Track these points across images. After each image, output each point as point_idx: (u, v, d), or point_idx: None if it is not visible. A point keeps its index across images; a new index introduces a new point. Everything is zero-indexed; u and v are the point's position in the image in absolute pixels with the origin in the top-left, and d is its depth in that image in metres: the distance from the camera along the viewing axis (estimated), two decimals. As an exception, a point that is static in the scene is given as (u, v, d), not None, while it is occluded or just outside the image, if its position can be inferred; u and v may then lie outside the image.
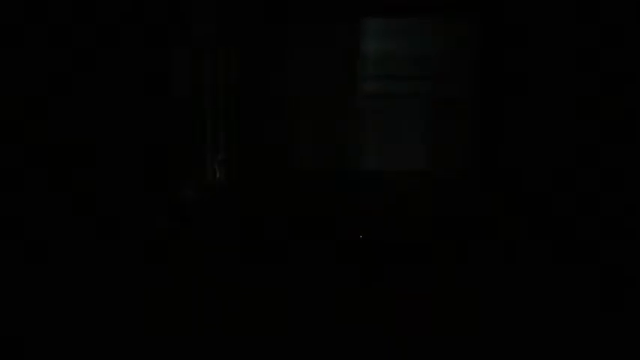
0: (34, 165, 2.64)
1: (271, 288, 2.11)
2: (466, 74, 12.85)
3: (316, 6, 11.58)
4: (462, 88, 13.08)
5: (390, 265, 2.44)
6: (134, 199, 3.95)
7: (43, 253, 2.48)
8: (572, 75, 5.47)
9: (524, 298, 2.16)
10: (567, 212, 4.50)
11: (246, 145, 12.76)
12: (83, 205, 3.09)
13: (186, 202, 5.33)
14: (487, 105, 10.37)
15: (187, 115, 8.46)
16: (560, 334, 1.94)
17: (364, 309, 1.99)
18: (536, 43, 6.83)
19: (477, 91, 10.22)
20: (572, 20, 5.25)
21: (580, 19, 4.96)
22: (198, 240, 2.67)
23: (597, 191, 4.16)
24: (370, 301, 2.07)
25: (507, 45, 8.26)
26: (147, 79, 4.67)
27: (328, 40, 14.01)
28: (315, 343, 1.85)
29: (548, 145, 6.85)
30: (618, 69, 4.28)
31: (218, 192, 2.82)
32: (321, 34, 13.80)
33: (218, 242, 2.62)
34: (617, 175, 4.02)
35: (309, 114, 14.99)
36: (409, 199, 8.90)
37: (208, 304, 2.05)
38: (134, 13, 3.99)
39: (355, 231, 2.60)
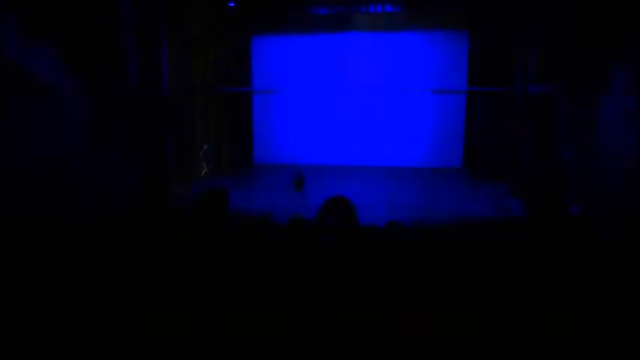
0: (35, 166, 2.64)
1: (263, 284, 2.10)
2: (466, 71, 12.75)
3: (312, 5, 11.53)
4: (462, 85, 12.97)
5: (386, 262, 2.44)
6: (130, 195, 3.93)
7: (41, 250, 2.48)
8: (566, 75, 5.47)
9: (521, 298, 2.17)
10: (564, 210, 4.50)
11: (233, 143, 12.71)
12: (80, 204, 3.09)
13: (179, 197, 5.31)
14: (487, 103, 10.33)
15: (179, 115, 8.46)
16: (558, 334, 1.95)
17: (359, 308, 1.99)
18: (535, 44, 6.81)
19: (477, 88, 10.17)
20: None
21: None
22: (192, 233, 2.66)
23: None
24: (366, 300, 2.06)
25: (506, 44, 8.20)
26: (141, 79, 4.64)
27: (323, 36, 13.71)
28: (312, 343, 1.85)
29: (545, 143, 6.85)
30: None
31: (207, 187, 2.83)
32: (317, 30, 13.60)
33: (210, 235, 2.61)
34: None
35: (298, 111, 14.91)
36: (406, 195, 8.84)
37: (205, 300, 2.04)
38: (131, 14, 3.98)
39: (345, 226, 2.58)
